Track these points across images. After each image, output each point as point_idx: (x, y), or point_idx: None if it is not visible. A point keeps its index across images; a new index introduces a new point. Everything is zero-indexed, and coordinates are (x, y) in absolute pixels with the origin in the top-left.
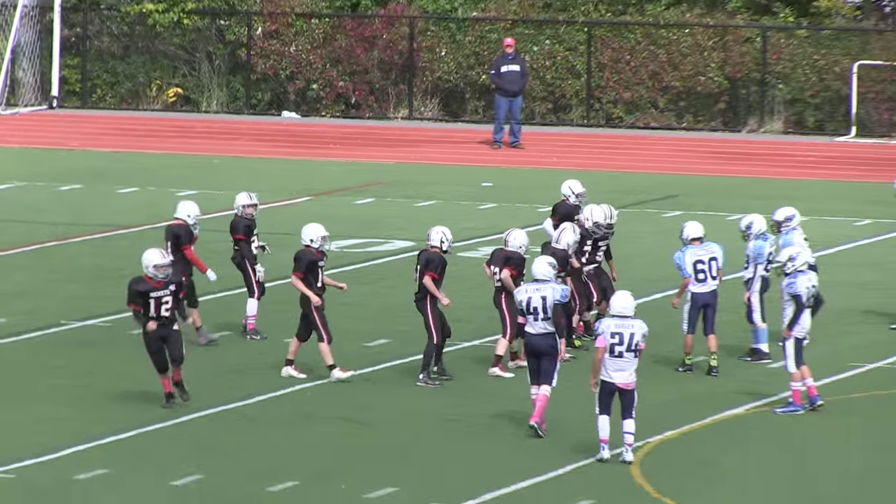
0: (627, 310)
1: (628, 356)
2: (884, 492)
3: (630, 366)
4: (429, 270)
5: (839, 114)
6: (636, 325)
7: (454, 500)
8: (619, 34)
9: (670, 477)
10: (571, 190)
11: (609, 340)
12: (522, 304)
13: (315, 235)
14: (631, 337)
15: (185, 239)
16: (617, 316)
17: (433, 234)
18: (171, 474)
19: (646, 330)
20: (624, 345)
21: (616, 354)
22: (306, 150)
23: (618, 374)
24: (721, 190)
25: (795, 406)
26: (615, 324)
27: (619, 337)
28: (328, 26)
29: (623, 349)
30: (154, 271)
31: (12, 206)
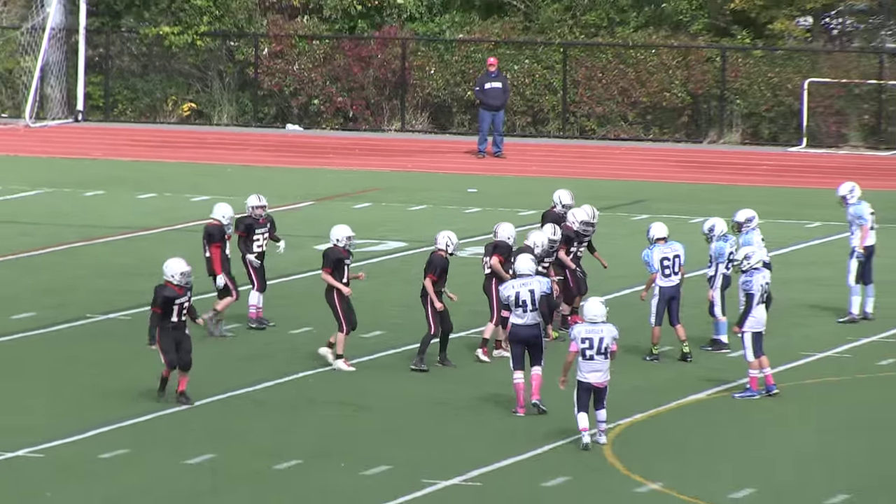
0: (598, 317)
1: (599, 358)
2: (834, 469)
3: (603, 367)
4: (429, 272)
5: (791, 126)
6: (606, 330)
7: (443, 477)
8: (591, 54)
9: (639, 456)
10: (560, 199)
11: (580, 345)
12: (510, 298)
13: (341, 235)
14: (601, 341)
15: (217, 238)
16: (588, 322)
17: (440, 237)
18: (186, 453)
19: (615, 334)
20: (594, 349)
21: (588, 357)
22: (308, 160)
23: (592, 374)
24: (684, 195)
25: (752, 392)
26: (586, 329)
27: (590, 342)
28: (328, 47)
29: (594, 352)
30: (180, 278)
31: (42, 211)
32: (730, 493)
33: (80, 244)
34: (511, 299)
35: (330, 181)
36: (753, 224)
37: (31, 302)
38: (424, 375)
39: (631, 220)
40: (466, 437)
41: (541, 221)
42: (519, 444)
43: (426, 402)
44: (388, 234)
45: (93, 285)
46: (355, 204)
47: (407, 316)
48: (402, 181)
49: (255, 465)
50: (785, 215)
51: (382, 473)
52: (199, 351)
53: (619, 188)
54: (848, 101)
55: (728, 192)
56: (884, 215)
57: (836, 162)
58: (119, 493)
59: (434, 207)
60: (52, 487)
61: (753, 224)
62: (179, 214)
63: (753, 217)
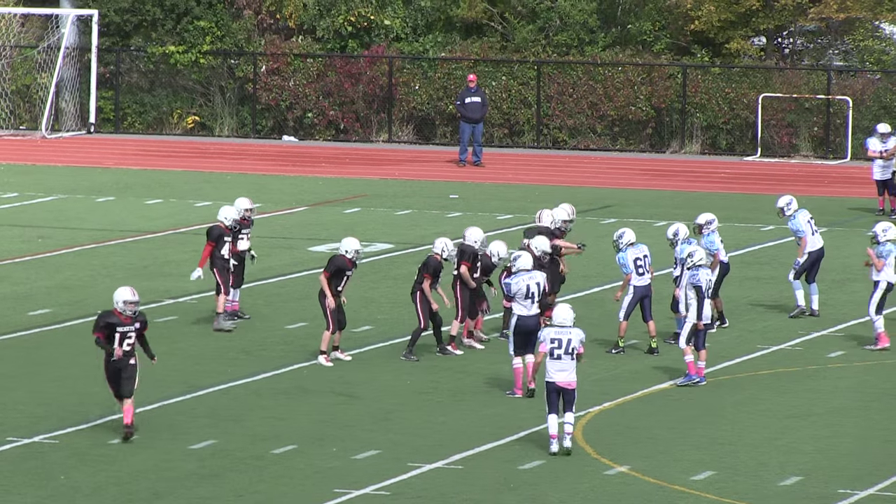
0: (566, 321)
1: (566, 358)
2: (788, 453)
3: (569, 367)
4: (425, 273)
5: (747, 137)
6: (573, 333)
7: (429, 461)
8: (563, 71)
9: (608, 441)
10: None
11: (549, 345)
12: (521, 291)
13: (351, 248)
14: (568, 342)
15: (212, 237)
16: (557, 325)
17: (437, 242)
18: (190, 439)
19: (582, 337)
20: (562, 348)
21: (555, 357)
22: (302, 168)
23: (559, 373)
24: (649, 201)
25: (691, 376)
26: (554, 331)
27: (558, 342)
28: (321, 65)
29: (561, 352)
30: (123, 307)
31: (58, 215)
32: (691, 475)
33: (92, 246)
34: (522, 292)
35: (322, 188)
36: (713, 226)
37: (48, 299)
38: (411, 366)
39: (600, 223)
40: (449, 424)
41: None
42: (497, 430)
43: (412, 391)
44: (377, 237)
45: (104, 284)
46: (346, 209)
47: (394, 312)
48: (389, 188)
49: (255, 449)
50: (741, 219)
51: (372, 457)
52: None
53: (588, 194)
54: (799, 114)
55: (689, 198)
56: (832, 219)
57: (788, 170)
58: (128, 477)
59: (418, 212)
60: (65, 471)
61: (713, 226)
62: (184, 218)
63: (713, 220)
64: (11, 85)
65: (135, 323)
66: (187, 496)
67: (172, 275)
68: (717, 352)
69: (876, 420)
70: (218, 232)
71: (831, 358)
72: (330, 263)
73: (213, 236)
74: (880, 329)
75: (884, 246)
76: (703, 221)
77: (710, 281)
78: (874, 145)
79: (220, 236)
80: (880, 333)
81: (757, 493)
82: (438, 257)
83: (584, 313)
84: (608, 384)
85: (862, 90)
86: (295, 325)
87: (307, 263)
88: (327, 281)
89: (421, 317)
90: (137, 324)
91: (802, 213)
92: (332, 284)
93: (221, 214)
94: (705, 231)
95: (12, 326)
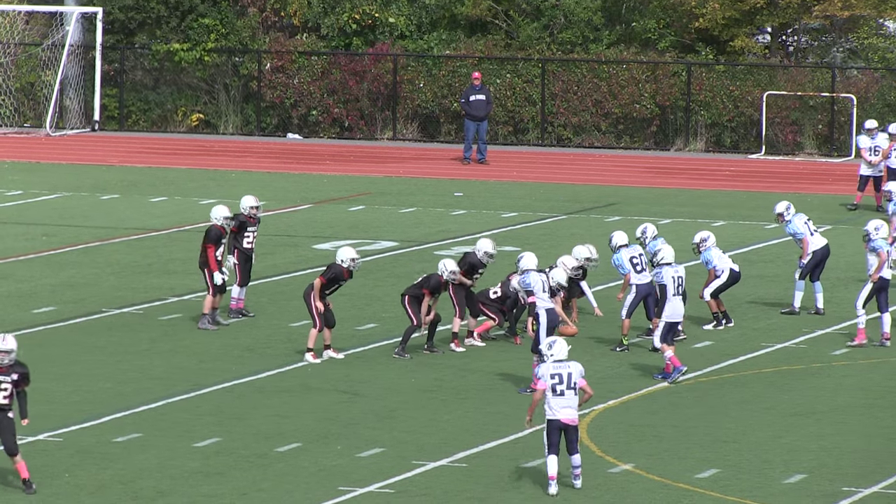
0: (563, 354)
1: (569, 393)
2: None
3: (572, 402)
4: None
5: (751, 135)
6: (573, 366)
7: (433, 459)
8: (568, 69)
9: (612, 439)
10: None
11: (550, 381)
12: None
13: (346, 257)
14: (569, 376)
15: (210, 239)
16: (556, 361)
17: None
18: (194, 437)
19: (582, 370)
20: (564, 383)
21: (559, 393)
22: (307, 166)
23: (564, 410)
24: (653, 199)
25: (678, 368)
26: (553, 366)
27: (559, 377)
28: (325, 62)
29: (564, 387)
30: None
31: (62, 213)
32: (695, 473)
33: (96, 244)
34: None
35: (327, 186)
36: (709, 243)
37: (52, 297)
38: (414, 364)
39: (604, 221)
40: (453, 422)
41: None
42: (501, 427)
43: (416, 389)
44: (381, 235)
45: (109, 282)
46: (350, 207)
47: (398, 310)
48: (393, 186)
49: (259, 447)
50: (745, 217)
51: (376, 455)
52: (206, 341)
53: (593, 192)
54: (803, 112)
55: (693, 196)
56: (836, 217)
57: (792, 168)
58: (132, 475)
59: (423, 210)
60: (69, 469)
61: (709, 243)
62: (188, 216)
63: (708, 237)
64: (16, 82)
65: (10, 374)
66: (191, 494)
67: (177, 272)
68: (721, 350)
69: (880, 418)
70: (215, 233)
71: (835, 356)
72: (328, 270)
73: (212, 238)
74: (861, 325)
75: (875, 242)
76: (697, 240)
77: (680, 279)
78: (864, 142)
79: (217, 238)
80: (861, 329)
81: (761, 491)
82: (441, 278)
83: (588, 311)
84: (612, 382)
85: (866, 88)
86: (299, 322)
87: (311, 261)
88: (320, 286)
89: (412, 316)
90: (14, 375)
91: (798, 217)
92: (323, 289)
93: (213, 215)
94: (702, 248)
95: (16, 324)
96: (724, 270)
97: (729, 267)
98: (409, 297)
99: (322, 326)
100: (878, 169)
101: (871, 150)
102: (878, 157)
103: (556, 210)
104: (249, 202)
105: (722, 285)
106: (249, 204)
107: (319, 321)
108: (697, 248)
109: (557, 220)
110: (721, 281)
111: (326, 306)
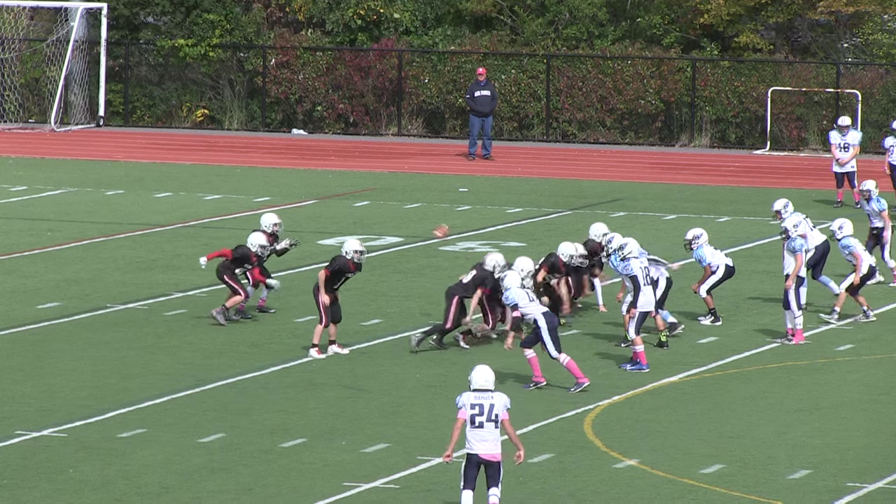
0: (488, 383)
1: (489, 426)
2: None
3: (492, 436)
4: (483, 287)
5: (756, 131)
6: (496, 397)
7: (438, 454)
8: (573, 65)
9: (617, 434)
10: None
11: (469, 412)
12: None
13: (350, 249)
14: (491, 408)
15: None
16: (477, 390)
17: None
18: (199, 432)
19: (507, 401)
20: (484, 415)
21: (477, 425)
22: (312, 162)
23: (480, 444)
24: (658, 195)
25: (641, 364)
26: (475, 396)
27: (479, 408)
28: (330, 58)
29: (483, 419)
30: None
31: (67, 209)
32: (700, 469)
33: (101, 240)
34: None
35: (331, 181)
36: (701, 240)
37: (57, 293)
38: (419, 360)
39: (609, 217)
40: None
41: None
42: None
43: (421, 385)
44: (386, 230)
45: (113, 277)
46: (355, 202)
47: (403, 305)
48: (398, 181)
49: (263, 443)
50: (750, 213)
51: (381, 451)
52: (211, 337)
53: (598, 188)
54: (808, 107)
55: (698, 192)
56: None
57: (797, 164)
58: (137, 470)
59: (427, 206)
60: (74, 465)
61: (701, 240)
62: (193, 212)
63: (701, 234)
64: (21, 78)
65: None
66: (196, 489)
67: (182, 268)
68: (726, 345)
69: (884, 413)
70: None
71: (840, 351)
72: (333, 262)
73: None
74: (800, 326)
75: (794, 243)
76: (690, 237)
77: (645, 269)
78: (835, 138)
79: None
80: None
81: (766, 487)
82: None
83: (590, 307)
84: (617, 377)
85: (871, 84)
86: (304, 318)
87: (316, 257)
88: (325, 279)
89: (451, 318)
90: None
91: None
92: (329, 282)
93: (251, 241)
94: (693, 245)
95: (21, 320)
96: (720, 266)
97: (724, 263)
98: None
99: (328, 322)
100: (850, 165)
101: (841, 147)
102: (849, 154)
103: (561, 206)
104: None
105: (717, 281)
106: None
107: (326, 317)
108: (689, 245)
109: (562, 216)
110: (717, 277)
111: (334, 300)
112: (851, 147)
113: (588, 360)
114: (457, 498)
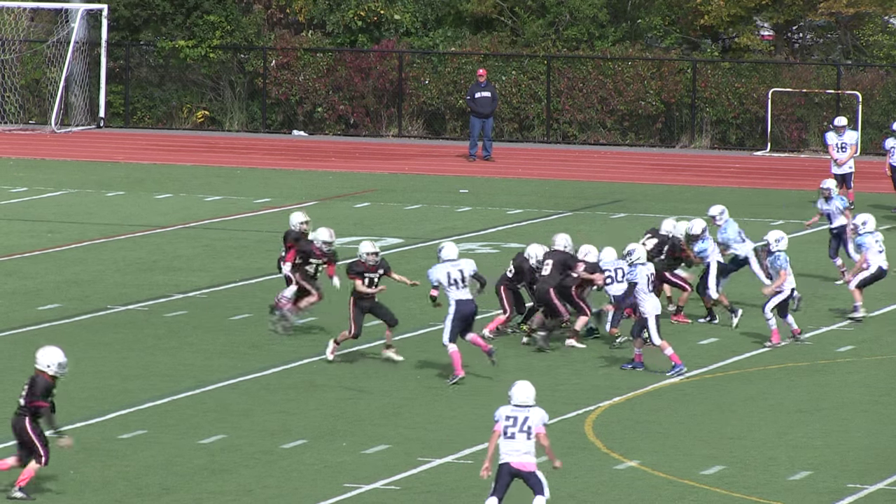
0: (528, 400)
1: (521, 437)
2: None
3: (524, 447)
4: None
5: (757, 132)
6: (532, 412)
7: (439, 455)
8: (573, 66)
9: (618, 436)
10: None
11: (504, 423)
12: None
13: (362, 251)
14: (525, 420)
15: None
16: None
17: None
18: (200, 434)
19: (544, 417)
20: (517, 427)
21: (509, 436)
22: (312, 163)
23: (511, 454)
24: (658, 196)
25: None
26: (511, 409)
27: (514, 420)
28: (331, 59)
29: (515, 430)
30: (58, 370)
31: (67, 210)
32: (701, 470)
33: (102, 241)
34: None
35: (332, 182)
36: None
37: (57, 294)
38: (420, 361)
39: (609, 218)
40: (458, 419)
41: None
42: None
43: (422, 386)
44: (386, 232)
45: (113, 279)
46: (355, 203)
47: (403, 306)
48: (398, 182)
49: (264, 444)
50: (750, 214)
51: (381, 452)
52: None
53: (598, 189)
54: (808, 109)
55: (698, 193)
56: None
57: (797, 165)
58: (137, 471)
59: (428, 207)
60: (75, 466)
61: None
62: (193, 213)
63: (724, 210)
64: (21, 79)
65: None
66: (197, 491)
67: (182, 269)
68: (726, 346)
69: (885, 414)
70: (295, 236)
71: (841, 353)
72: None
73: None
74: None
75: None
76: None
77: (651, 275)
78: (831, 139)
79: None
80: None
81: (766, 488)
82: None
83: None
84: (618, 378)
85: (871, 85)
86: (304, 319)
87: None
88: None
89: (560, 308)
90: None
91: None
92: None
93: (316, 237)
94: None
95: (21, 321)
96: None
97: (716, 259)
98: (554, 290)
99: (356, 333)
100: (848, 166)
101: (838, 147)
102: (847, 154)
103: (562, 207)
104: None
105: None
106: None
107: (355, 328)
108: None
109: (563, 217)
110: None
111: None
112: (849, 147)
113: (588, 361)
114: (457, 499)
